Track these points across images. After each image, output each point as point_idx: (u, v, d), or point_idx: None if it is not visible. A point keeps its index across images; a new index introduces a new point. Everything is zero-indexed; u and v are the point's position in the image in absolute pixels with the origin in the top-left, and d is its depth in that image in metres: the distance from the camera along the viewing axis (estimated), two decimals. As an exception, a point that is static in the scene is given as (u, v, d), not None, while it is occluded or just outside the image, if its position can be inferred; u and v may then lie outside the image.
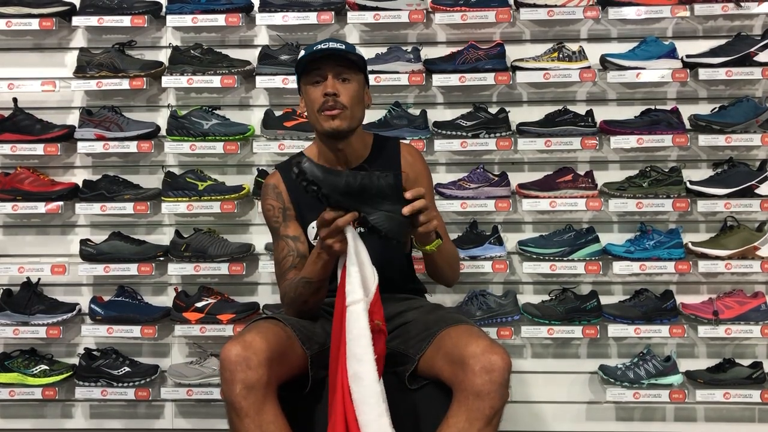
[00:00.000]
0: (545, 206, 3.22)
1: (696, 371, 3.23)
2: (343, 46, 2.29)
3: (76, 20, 3.33)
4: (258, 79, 3.28)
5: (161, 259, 3.31)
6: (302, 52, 2.33)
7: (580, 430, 3.38)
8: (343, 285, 2.00)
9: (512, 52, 3.31)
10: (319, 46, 2.28)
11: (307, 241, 2.37)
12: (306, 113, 2.38)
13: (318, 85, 2.28)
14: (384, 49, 3.30)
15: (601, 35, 3.39)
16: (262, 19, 3.29)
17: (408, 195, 2.00)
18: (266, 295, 3.41)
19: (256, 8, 3.33)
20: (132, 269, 3.25)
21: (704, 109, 3.31)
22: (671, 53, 3.23)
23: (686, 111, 3.26)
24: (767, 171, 3.21)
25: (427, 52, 3.33)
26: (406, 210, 1.99)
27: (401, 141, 2.54)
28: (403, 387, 2.14)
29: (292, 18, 3.26)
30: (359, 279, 1.96)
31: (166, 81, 3.30)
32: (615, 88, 3.37)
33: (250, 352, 1.97)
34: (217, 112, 3.35)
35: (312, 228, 2.37)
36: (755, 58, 3.17)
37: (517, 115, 3.31)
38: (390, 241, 2.01)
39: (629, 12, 3.22)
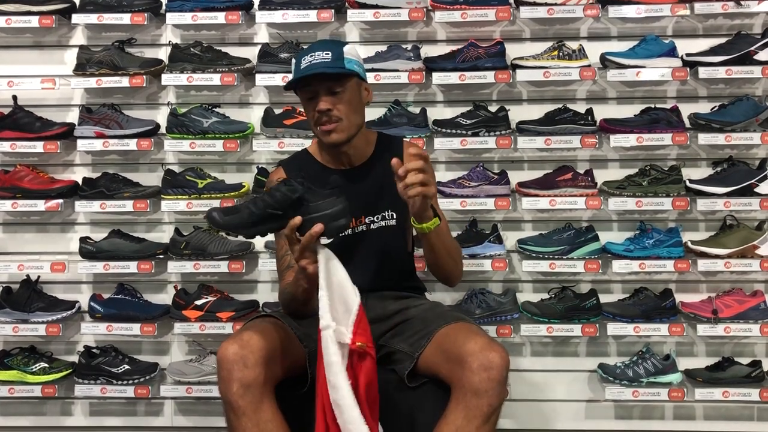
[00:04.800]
0: (545, 205, 3.22)
1: (695, 370, 3.23)
2: (329, 56, 2.23)
3: (76, 18, 3.32)
4: (258, 77, 3.27)
5: (161, 256, 3.31)
6: (293, 64, 2.30)
7: (579, 428, 3.38)
8: None
9: (512, 51, 3.31)
10: (306, 59, 2.23)
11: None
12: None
13: (311, 101, 2.26)
14: (384, 47, 3.30)
15: (601, 34, 3.39)
16: (262, 16, 3.29)
17: (399, 170, 1.97)
18: (266, 293, 3.41)
19: (256, 6, 3.33)
20: (132, 267, 3.25)
21: (704, 107, 3.31)
22: (671, 52, 3.23)
23: (686, 110, 3.26)
24: (767, 170, 3.20)
25: (427, 51, 3.33)
26: (401, 171, 1.96)
27: (405, 139, 2.55)
28: (402, 385, 2.15)
29: (292, 16, 3.25)
30: (327, 304, 1.90)
31: (166, 79, 3.30)
32: (615, 87, 3.37)
33: (247, 351, 1.97)
34: (217, 110, 3.34)
35: None
36: (755, 57, 3.17)
37: (517, 114, 3.31)
38: (339, 228, 1.98)
39: (629, 10, 3.22)
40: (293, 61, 2.31)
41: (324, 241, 1.97)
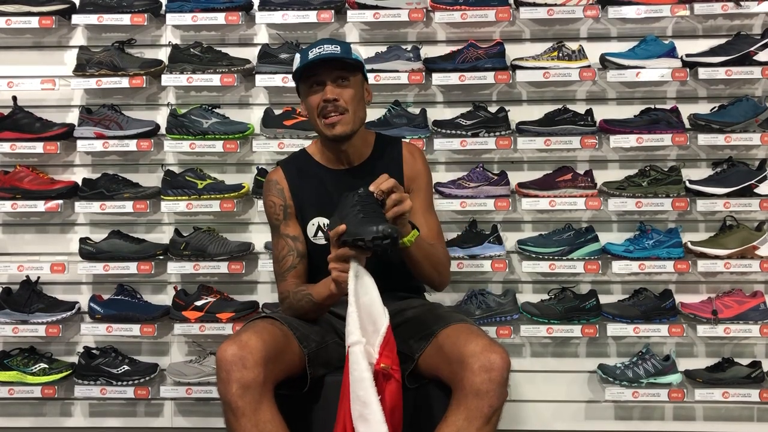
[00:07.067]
0: (545, 205, 3.22)
1: (695, 370, 3.23)
2: (338, 49, 2.27)
3: (76, 18, 3.32)
4: (258, 77, 3.27)
5: (161, 257, 3.31)
6: (298, 57, 2.31)
7: (578, 429, 3.38)
8: None
9: (512, 51, 3.31)
10: (314, 50, 2.26)
11: (306, 240, 2.37)
12: (308, 116, 2.37)
13: (317, 91, 2.27)
14: (384, 48, 3.30)
15: (600, 34, 3.39)
16: (262, 17, 3.29)
17: (371, 187, 2.00)
18: (265, 294, 3.41)
19: (255, 6, 3.33)
20: (131, 268, 3.25)
21: (704, 108, 3.31)
22: (671, 52, 3.23)
23: (686, 110, 3.26)
24: (766, 170, 3.21)
25: (427, 51, 3.33)
26: (372, 187, 1.99)
27: (403, 140, 2.55)
28: (402, 386, 2.14)
29: (292, 16, 3.26)
30: (357, 321, 1.94)
31: (166, 79, 3.30)
32: (615, 87, 3.37)
33: (246, 352, 1.97)
34: (217, 110, 3.34)
35: (312, 225, 2.37)
36: (755, 58, 3.17)
37: (517, 114, 3.31)
38: (391, 245, 1.96)
39: (629, 11, 3.22)
40: (297, 56, 2.32)
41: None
